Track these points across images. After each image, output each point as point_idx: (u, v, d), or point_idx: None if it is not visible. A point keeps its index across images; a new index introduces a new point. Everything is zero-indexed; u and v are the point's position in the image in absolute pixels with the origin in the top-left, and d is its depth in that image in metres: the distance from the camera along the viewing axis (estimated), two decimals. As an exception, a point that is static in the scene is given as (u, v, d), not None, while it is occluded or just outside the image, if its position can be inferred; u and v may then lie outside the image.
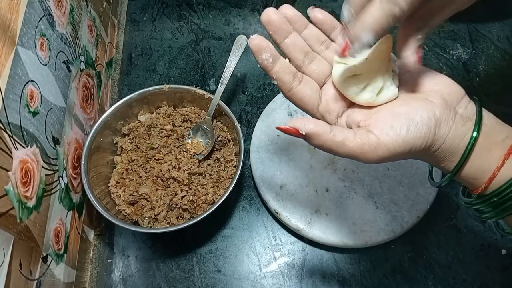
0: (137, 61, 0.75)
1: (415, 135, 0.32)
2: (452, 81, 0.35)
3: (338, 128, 0.33)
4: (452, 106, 0.33)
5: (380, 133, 0.32)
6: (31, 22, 0.45)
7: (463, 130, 0.33)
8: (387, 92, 0.34)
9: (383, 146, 0.32)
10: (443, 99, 0.33)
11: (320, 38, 0.38)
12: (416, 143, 0.32)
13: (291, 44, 0.36)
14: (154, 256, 0.58)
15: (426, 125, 0.32)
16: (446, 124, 0.32)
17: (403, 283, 0.54)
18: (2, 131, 0.37)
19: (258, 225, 0.59)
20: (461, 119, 0.33)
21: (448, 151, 0.33)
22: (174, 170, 0.58)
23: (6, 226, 0.37)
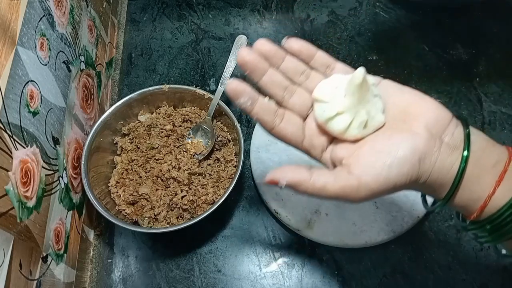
0: (137, 61, 0.75)
1: (398, 173, 0.30)
2: (437, 105, 0.33)
3: (318, 171, 0.32)
4: (437, 135, 0.32)
5: (361, 173, 0.31)
6: (31, 22, 0.45)
7: (450, 161, 0.31)
8: (373, 122, 0.33)
9: (365, 186, 0.31)
10: (427, 129, 0.31)
11: (299, 69, 0.37)
12: (399, 180, 0.31)
13: (269, 81, 0.35)
14: (154, 256, 0.58)
15: (409, 161, 0.30)
16: (431, 157, 0.31)
17: (403, 283, 0.54)
18: (2, 131, 0.37)
19: (258, 225, 0.59)
20: (448, 148, 0.31)
21: (436, 183, 0.32)
22: (174, 170, 0.58)
23: (6, 226, 0.37)
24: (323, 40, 0.75)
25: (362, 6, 0.79)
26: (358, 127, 0.33)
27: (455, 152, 0.31)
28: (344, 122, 0.33)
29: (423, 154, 0.31)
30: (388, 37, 0.75)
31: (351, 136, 0.34)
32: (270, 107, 0.35)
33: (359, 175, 0.31)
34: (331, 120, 0.34)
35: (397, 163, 0.30)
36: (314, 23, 0.78)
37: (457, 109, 0.66)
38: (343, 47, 0.74)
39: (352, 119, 0.33)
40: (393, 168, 0.30)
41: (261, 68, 0.35)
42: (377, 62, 0.72)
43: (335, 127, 0.34)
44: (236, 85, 0.34)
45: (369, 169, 0.31)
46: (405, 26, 0.76)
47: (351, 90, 0.33)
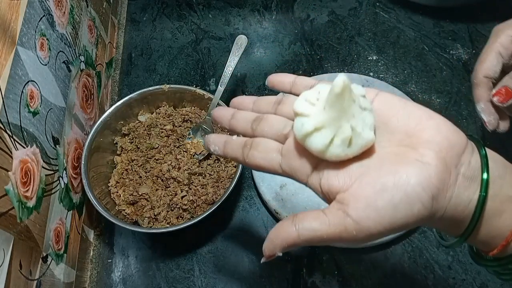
0: (137, 61, 0.75)
1: (406, 214, 0.26)
2: (450, 126, 0.28)
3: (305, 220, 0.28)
4: (452, 166, 0.27)
5: (361, 216, 0.26)
6: (31, 22, 0.45)
7: (467, 196, 0.27)
8: (359, 140, 0.28)
9: (365, 231, 0.26)
10: (441, 159, 0.26)
11: (271, 100, 0.34)
12: (407, 222, 0.26)
13: (234, 121, 0.35)
14: (154, 256, 0.58)
15: (420, 200, 0.25)
16: (446, 193, 0.26)
17: (403, 283, 0.54)
18: (2, 131, 0.37)
19: (258, 225, 0.59)
20: (464, 180, 0.27)
21: (451, 219, 0.27)
22: (174, 170, 0.58)
23: (6, 226, 0.37)
24: (323, 40, 0.75)
25: (362, 6, 0.79)
26: (342, 145, 0.28)
27: (473, 183, 0.27)
28: (324, 138, 0.28)
29: (437, 190, 0.26)
30: (388, 37, 0.75)
31: (333, 156, 0.28)
32: (238, 142, 0.34)
33: (358, 219, 0.26)
34: (309, 136, 0.29)
35: (405, 202, 0.25)
36: (314, 23, 0.78)
37: (457, 109, 0.66)
38: (343, 47, 0.74)
39: (333, 136, 0.28)
40: (401, 209, 0.26)
41: (226, 114, 0.36)
42: (377, 62, 0.72)
43: (313, 144, 0.28)
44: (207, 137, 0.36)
45: (371, 211, 0.26)
46: (405, 26, 0.76)
47: (331, 101, 0.28)
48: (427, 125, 0.28)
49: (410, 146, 0.28)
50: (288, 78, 0.35)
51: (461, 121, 0.65)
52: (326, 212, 0.28)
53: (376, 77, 0.70)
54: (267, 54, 0.74)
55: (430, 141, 0.27)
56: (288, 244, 0.28)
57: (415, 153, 0.27)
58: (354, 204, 0.27)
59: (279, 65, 0.73)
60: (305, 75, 0.71)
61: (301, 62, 0.73)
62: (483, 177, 0.27)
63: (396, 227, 0.26)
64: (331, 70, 0.71)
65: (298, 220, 0.28)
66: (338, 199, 0.28)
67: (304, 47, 0.75)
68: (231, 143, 0.34)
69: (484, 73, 0.49)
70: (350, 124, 0.28)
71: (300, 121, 0.29)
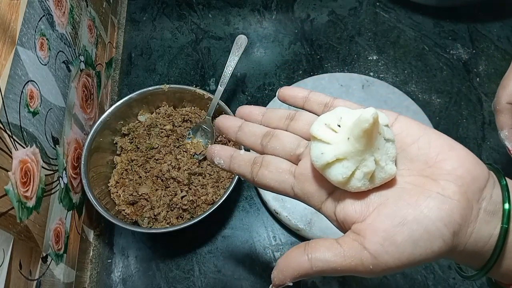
0: (137, 61, 0.75)
1: (425, 251, 0.25)
2: (475, 159, 0.27)
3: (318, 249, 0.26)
4: (474, 201, 0.26)
5: (379, 251, 0.25)
6: (31, 22, 0.45)
7: (488, 231, 0.26)
8: (381, 174, 0.27)
9: (382, 266, 0.25)
10: (463, 194, 0.25)
11: (283, 114, 0.33)
12: (426, 257, 0.25)
13: (243, 135, 0.32)
14: (154, 256, 0.58)
15: (441, 236, 0.24)
16: (467, 229, 0.25)
17: (403, 283, 0.54)
18: (2, 131, 0.37)
19: (258, 225, 0.59)
20: (486, 215, 0.26)
21: (471, 254, 0.26)
22: (174, 170, 0.58)
23: (6, 226, 0.37)
24: (323, 40, 0.75)
25: (362, 6, 0.79)
26: (363, 178, 0.27)
27: (494, 218, 0.26)
28: (346, 171, 0.27)
29: (459, 226, 0.25)
30: (388, 37, 0.75)
31: (353, 188, 0.27)
32: (246, 158, 0.31)
33: (376, 253, 0.25)
34: (330, 166, 0.27)
35: (425, 238, 0.24)
36: (314, 23, 0.78)
37: (457, 109, 0.66)
38: (343, 47, 0.74)
39: (355, 168, 0.27)
40: (421, 245, 0.25)
41: (233, 125, 0.33)
42: (377, 62, 0.72)
43: (333, 176, 0.27)
44: (210, 148, 0.33)
45: (389, 246, 0.25)
46: (405, 26, 0.76)
47: (356, 134, 0.26)
48: (448, 156, 0.27)
49: (431, 177, 0.27)
50: (301, 93, 0.33)
51: (461, 121, 0.65)
52: (341, 242, 0.26)
53: (376, 77, 0.70)
54: (267, 54, 0.74)
55: (452, 174, 0.26)
56: (300, 274, 0.27)
57: (436, 186, 0.26)
58: (372, 237, 0.25)
59: (279, 65, 0.73)
60: (305, 75, 0.71)
61: (301, 62, 0.73)
62: (504, 207, 0.26)
63: (415, 262, 0.25)
64: (331, 70, 0.71)
65: (311, 249, 0.27)
66: (354, 230, 0.27)
67: (304, 47, 0.75)
68: (238, 159, 0.32)
69: (508, 99, 0.47)
70: (374, 157, 0.27)
71: (319, 148, 0.28)
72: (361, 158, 0.27)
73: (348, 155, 0.27)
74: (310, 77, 0.68)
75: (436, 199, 0.25)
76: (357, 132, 0.26)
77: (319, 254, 0.26)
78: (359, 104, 0.31)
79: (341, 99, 0.32)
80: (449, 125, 0.65)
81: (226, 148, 0.33)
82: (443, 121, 0.65)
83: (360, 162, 0.27)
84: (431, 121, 0.62)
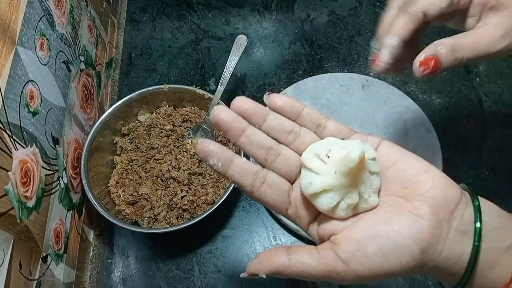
0: (137, 61, 0.75)
1: (394, 263, 0.26)
2: (446, 180, 0.28)
3: (297, 253, 0.28)
4: (445, 221, 0.27)
5: (350, 259, 0.27)
6: (31, 22, 0.45)
7: (459, 249, 0.27)
8: (364, 204, 0.29)
9: (352, 274, 0.27)
10: (434, 213, 0.27)
11: (286, 126, 0.31)
12: (395, 270, 0.27)
13: (247, 142, 0.30)
14: (154, 256, 0.58)
15: (409, 252, 0.26)
16: (437, 246, 0.27)
17: (403, 283, 0.54)
18: (2, 131, 0.37)
19: (258, 225, 0.59)
20: (457, 234, 0.27)
21: (443, 272, 0.28)
22: (174, 170, 0.58)
23: (6, 226, 0.37)
24: (323, 40, 0.75)
25: (362, 6, 0.79)
26: (346, 209, 0.29)
27: (465, 237, 0.27)
28: (331, 202, 0.29)
29: (427, 243, 0.26)
30: (388, 37, 0.75)
31: (336, 216, 0.29)
32: (248, 169, 0.30)
33: (347, 261, 0.27)
34: (317, 196, 0.29)
35: (395, 253, 0.26)
36: (314, 23, 0.78)
37: (457, 109, 0.66)
38: (343, 47, 0.74)
39: (340, 200, 0.29)
40: (390, 258, 0.26)
41: (236, 127, 0.30)
42: (377, 62, 0.72)
43: (320, 204, 0.29)
44: (205, 146, 0.29)
45: (361, 256, 0.27)
46: (405, 26, 0.76)
47: (343, 171, 0.28)
48: (423, 178, 0.28)
49: (405, 197, 0.28)
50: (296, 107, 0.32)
51: (461, 121, 0.65)
52: (319, 249, 0.29)
53: (376, 77, 0.70)
54: (267, 54, 0.74)
55: (425, 195, 0.28)
56: (276, 269, 0.29)
57: (409, 205, 0.28)
58: (345, 247, 0.27)
59: (279, 65, 0.73)
60: (305, 75, 0.71)
61: (301, 62, 0.73)
62: (476, 226, 0.27)
63: (384, 274, 0.27)
64: (331, 70, 0.71)
65: (292, 251, 0.29)
66: (331, 240, 0.29)
67: (304, 47, 0.75)
68: (240, 167, 0.30)
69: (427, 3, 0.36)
70: (359, 190, 0.29)
71: (308, 178, 0.30)
72: (346, 191, 0.29)
73: (334, 187, 0.29)
74: (310, 77, 0.68)
75: (408, 217, 0.27)
76: (343, 169, 0.28)
77: (299, 256, 0.28)
78: (350, 128, 0.32)
79: (333, 121, 0.32)
80: (449, 125, 0.65)
81: (225, 150, 0.30)
82: (443, 121, 0.65)
83: (345, 195, 0.29)
84: (431, 121, 0.62)
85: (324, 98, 0.66)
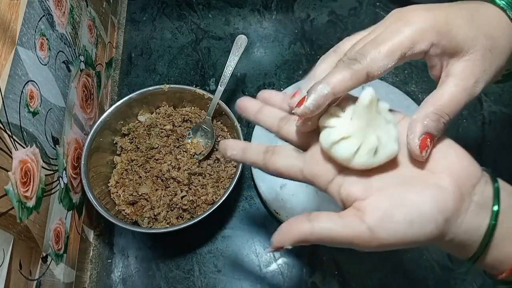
0: (137, 61, 0.75)
1: (419, 231, 0.27)
2: (468, 158, 0.29)
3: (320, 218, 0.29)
4: (467, 194, 0.28)
5: (376, 226, 0.27)
6: (31, 22, 0.45)
7: (477, 222, 0.28)
8: (385, 150, 0.29)
9: (378, 240, 0.28)
10: (457, 186, 0.28)
11: None
12: (418, 238, 0.27)
13: (262, 115, 0.35)
14: (154, 256, 0.58)
15: (434, 221, 0.27)
16: (458, 218, 0.28)
17: (403, 283, 0.54)
18: (2, 131, 0.37)
19: (258, 225, 0.59)
20: (477, 207, 0.28)
21: (461, 243, 0.29)
22: (174, 170, 0.58)
23: (6, 226, 0.37)
24: (323, 40, 0.75)
25: (362, 6, 0.79)
26: (367, 153, 0.29)
27: (483, 211, 0.28)
28: (351, 146, 0.29)
29: (451, 214, 0.27)
30: (388, 37, 0.75)
31: (359, 164, 0.30)
32: (258, 148, 0.34)
33: (373, 227, 0.28)
34: (336, 144, 0.30)
35: (420, 220, 0.27)
36: (314, 23, 0.78)
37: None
38: (343, 47, 0.74)
39: (359, 145, 0.29)
40: (414, 226, 0.27)
41: (254, 105, 0.36)
42: (377, 62, 0.72)
43: (340, 152, 0.30)
44: (223, 141, 0.36)
45: (387, 223, 0.27)
46: (405, 26, 0.76)
47: (358, 112, 0.29)
48: (447, 153, 0.30)
49: (430, 170, 0.29)
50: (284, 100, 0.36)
51: (461, 121, 0.65)
52: (342, 215, 0.29)
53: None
54: (267, 54, 0.74)
55: (448, 168, 0.29)
56: (300, 238, 0.29)
57: (434, 177, 0.29)
58: (372, 213, 0.28)
59: (279, 65, 0.73)
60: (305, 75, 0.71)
61: (301, 62, 0.73)
62: (493, 208, 0.28)
63: (407, 242, 0.27)
64: (331, 70, 0.71)
65: (313, 217, 0.29)
66: (355, 206, 0.29)
67: (304, 47, 0.75)
68: (251, 149, 0.35)
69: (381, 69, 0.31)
70: (376, 134, 0.29)
71: (326, 132, 0.31)
72: (364, 135, 0.29)
73: (352, 132, 0.29)
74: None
75: (433, 188, 0.28)
76: (359, 109, 0.29)
77: (321, 222, 0.29)
78: None
79: None
80: (449, 125, 0.65)
81: (238, 141, 0.36)
82: (443, 121, 0.65)
83: (363, 139, 0.29)
84: (431, 121, 0.62)
85: (324, 98, 0.66)
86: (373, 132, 0.29)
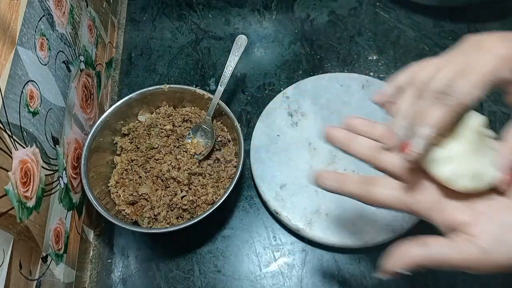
0: (137, 61, 0.75)
1: None
2: None
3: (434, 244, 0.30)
4: None
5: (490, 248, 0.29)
6: (31, 22, 0.45)
7: None
8: (487, 177, 0.30)
9: (494, 263, 0.29)
10: None
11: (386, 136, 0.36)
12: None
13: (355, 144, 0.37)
14: (154, 256, 0.58)
15: None
16: None
17: (403, 283, 0.54)
18: (2, 131, 0.37)
19: (258, 225, 0.59)
20: None
21: None
22: (174, 170, 0.58)
23: (6, 226, 0.37)
24: (323, 40, 0.75)
25: (362, 6, 0.79)
26: (471, 178, 0.30)
27: None
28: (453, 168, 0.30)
29: None
30: (388, 37, 0.75)
31: (461, 186, 0.30)
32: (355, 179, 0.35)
33: (486, 250, 0.29)
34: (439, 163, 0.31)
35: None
36: (314, 23, 0.78)
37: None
38: (343, 47, 0.74)
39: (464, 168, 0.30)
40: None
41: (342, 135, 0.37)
42: (377, 62, 0.72)
43: (443, 173, 0.31)
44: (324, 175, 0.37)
45: (500, 245, 0.28)
46: (405, 26, 0.76)
47: (466, 136, 0.31)
48: None
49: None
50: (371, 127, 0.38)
51: (461, 121, 0.65)
52: (453, 239, 0.30)
53: (376, 77, 0.70)
54: (267, 54, 0.74)
55: None
56: (414, 262, 0.30)
57: None
58: (485, 237, 0.29)
59: (279, 65, 0.73)
60: (305, 75, 0.71)
61: (301, 62, 0.73)
62: None
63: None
64: (331, 70, 0.71)
65: (425, 243, 0.30)
66: (465, 231, 0.30)
67: (304, 47, 0.75)
68: (348, 180, 0.36)
69: None
70: (482, 159, 0.31)
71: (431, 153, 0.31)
72: (467, 158, 0.30)
73: (456, 154, 0.31)
74: (310, 77, 0.68)
75: None
76: (467, 134, 0.31)
77: (436, 247, 0.30)
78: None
79: None
80: None
81: (332, 172, 0.37)
82: (443, 121, 0.65)
83: (467, 162, 0.30)
84: (431, 121, 0.62)
85: (324, 98, 0.66)
86: (480, 157, 0.31)
